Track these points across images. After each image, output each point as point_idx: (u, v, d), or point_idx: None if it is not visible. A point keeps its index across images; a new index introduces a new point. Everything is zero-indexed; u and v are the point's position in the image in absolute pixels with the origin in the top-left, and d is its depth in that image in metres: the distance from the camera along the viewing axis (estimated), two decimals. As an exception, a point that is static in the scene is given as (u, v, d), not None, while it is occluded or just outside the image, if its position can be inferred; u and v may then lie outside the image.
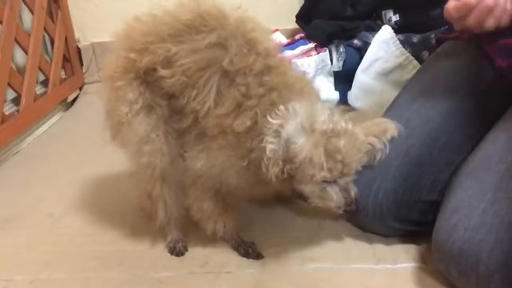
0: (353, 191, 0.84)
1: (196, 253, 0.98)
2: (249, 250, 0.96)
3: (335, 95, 1.63)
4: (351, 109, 0.84)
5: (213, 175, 0.87)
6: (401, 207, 0.91)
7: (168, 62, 0.83)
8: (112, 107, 0.91)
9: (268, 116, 0.77)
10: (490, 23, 0.79)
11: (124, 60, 0.88)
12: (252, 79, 0.81)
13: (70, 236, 1.07)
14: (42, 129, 1.74)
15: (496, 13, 0.78)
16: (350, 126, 0.79)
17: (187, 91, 0.83)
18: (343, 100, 1.60)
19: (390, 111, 1.02)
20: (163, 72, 0.83)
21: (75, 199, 1.23)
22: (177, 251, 0.98)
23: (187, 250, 0.98)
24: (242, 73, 0.81)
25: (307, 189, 0.82)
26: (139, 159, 0.91)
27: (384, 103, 1.48)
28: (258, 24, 0.86)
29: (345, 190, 0.83)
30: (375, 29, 1.61)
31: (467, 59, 0.99)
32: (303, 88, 0.85)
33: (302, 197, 0.91)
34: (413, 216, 0.93)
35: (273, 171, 0.77)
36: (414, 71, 1.53)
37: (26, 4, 1.68)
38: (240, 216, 0.98)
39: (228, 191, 0.91)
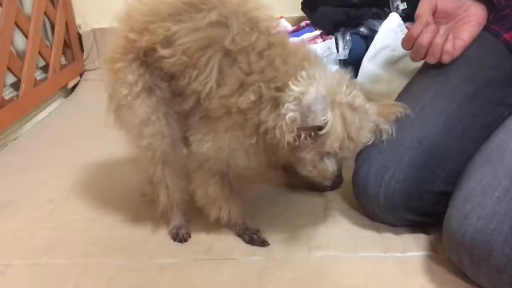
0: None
1: (200, 239, 0.95)
2: (254, 237, 0.94)
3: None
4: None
5: (221, 158, 0.84)
6: (413, 198, 0.88)
7: (168, 42, 0.80)
8: (113, 89, 0.89)
9: (289, 83, 0.75)
10: (429, 59, 0.91)
11: (124, 41, 0.85)
12: (254, 57, 0.79)
13: (70, 221, 1.05)
14: (42, 115, 1.72)
15: (432, 51, 0.89)
16: (366, 103, 0.77)
17: (188, 72, 0.80)
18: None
19: (403, 98, 0.97)
20: (162, 51, 0.81)
21: (75, 184, 1.20)
22: (180, 237, 0.95)
23: (190, 237, 0.96)
24: (245, 52, 0.79)
25: (308, 156, 0.79)
26: (140, 141, 0.89)
27: (391, 92, 1.45)
28: (259, 3, 0.83)
29: (339, 163, 0.82)
30: (382, 17, 1.58)
31: (485, 47, 0.95)
32: (307, 54, 0.83)
33: (291, 166, 0.91)
34: (425, 207, 0.90)
35: (288, 138, 0.74)
36: (422, 60, 1.51)
37: (26, -13, 1.65)
38: (245, 203, 0.96)
39: (236, 174, 0.88)
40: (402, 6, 1.63)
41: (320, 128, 0.73)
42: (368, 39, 1.55)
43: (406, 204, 0.88)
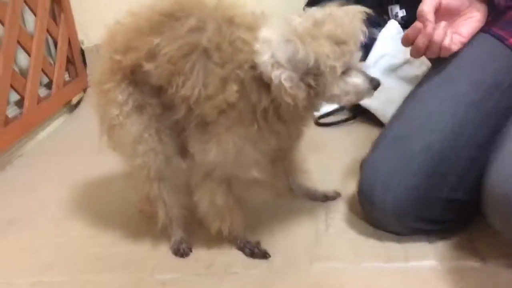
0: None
1: (201, 254, 0.95)
2: (255, 250, 0.93)
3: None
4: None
5: (228, 164, 0.83)
6: (422, 206, 0.86)
7: (151, 55, 0.81)
8: (103, 111, 0.89)
9: (255, 60, 0.74)
10: (428, 55, 0.92)
11: (110, 62, 0.86)
12: (224, 48, 0.78)
13: (73, 238, 1.05)
14: (46, 131, 1.73)
15: (431, 49, 0.90)
16: (327, 12, 0.76)
17: (174, 79, 0.80)
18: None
19: (410, 104, 0.96)
20: (148, 66, 0.81)
21: (78, 201, 1.21)
22: (181, 252, 0.95)
23: (191, 251, 0.96)
24: (218, 47, 0.78)
25: (335, 91, 0.77)
26: (134, 160, 0.90)
27: (392, 99, 1.46)
28: (235, 2, 0.83)
29: (361, 71, 0.80)
30: (381, 24, 1.58)
31: (491, 52, 0.94)
32: (253, 23, 0.81)
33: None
34: (433, 215, 0.88)
35: (300, 96, 0.74)
36: (422, 67, 1.51)
37: (28, 6, 1.67)
38: (246, 213, 0.95)
39: (245, 178, 0.87)
40: (401, 13, 1.64)
41: (314, 63, 0.72)
42: (368, 47, 1.55)
43: (414, 212, 0.87)
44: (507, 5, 0.95)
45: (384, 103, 1.46)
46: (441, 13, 0.91)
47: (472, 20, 0.92)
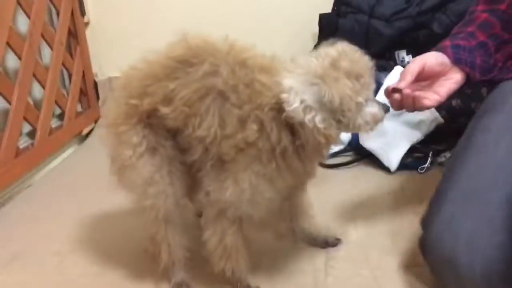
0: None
1: (200, 297, 0.96)
2: (254, 295, 0.94)
3: (347, 135, 1.62)
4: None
5: (243, 202, 0.85)
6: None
7: (168, 100, 0.84)
8: (115, 152, 0.92)
9: (282, 97, 0.78)
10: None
11: (126, 107, 0.89)
12: (241, 89, 0.82)
13: (75, 276, 1.07)
14: (56, 162, 1.76)
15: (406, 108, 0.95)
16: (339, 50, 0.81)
17: (191, 121, 0.83)
18: (355, 139, 1.59)
19: (472, 156, 0.91)
20: (164, 110, 0.84)
21: (83, 236, 1.22)
22: (181, 294, 0.96)
23: (191, 293, 0.97)
24: (234, 89, 0.82)
25: (358, 122, 0.81)
26: (144, 201, 0.91)
27: (395, 144, 1.47)
28: (246, 45, 0.87)
29: (375, 100, 0.86)
30: (387, 69, 1.61)
31: None
32: (273, 66, 0.85)
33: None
34: None
35: (333, 134, 0.79)
36: (426, 112, 1.53)
37: (45, 40, 1.73)
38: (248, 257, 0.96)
39: (258, 218, 0.89)
40: (408, 58, 1.66)
41: (342, 101, 0.77)
42: (374, 93, 1.57)
43: (504, 273, 0.77)
44: (481, 79, 1.00)
45: (388, 147, 1.48)
46: (425, 74, 0.94)
47: (450, 81, 0.95)
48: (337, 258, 1.05)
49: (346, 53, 0.80)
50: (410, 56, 1.66)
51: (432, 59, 0.95)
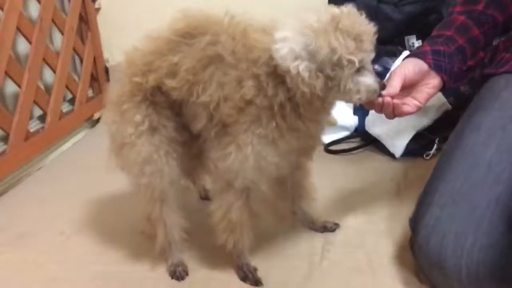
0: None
1: (196, 277, 0.98)
2: (249, 276, 0.96)
3: (354, 120, 1.61)
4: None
5: (248, 169, 0.85)
6: (502, 266, 0.79)
7: (173, 73, 0.86)
8: (116, 129, 0.93)
9: (273, 55, 0.77)
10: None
11: (130, 85, 0.90)
12: (238, 49, 0.82)
13: (78, 254, 1.10)
14: (67, 145, 1.79)
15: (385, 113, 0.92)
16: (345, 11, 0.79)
17: (195, 89, 0.84)
18: (361, 125, 1.58)
19: (461, 156, 0.90)
20: (170, 83, 0.86)
21: (88, 217, 1.25)
22: (177, 275, 0.98)
23: (187, 274, 0.99)
24: (232, 52, 0.82)
25: (349, 86, 0.79)
26: (140, 179, 0.93)
27: (401, 130, 1.46)
28: (247, 20, 0.87)
29: (371, 72, 0.82)
30: (396, 54, 1.59)
31: None
32: (265, 26, 0.85)
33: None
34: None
35: (318, 85, 0.76)
36: (433, 99, 1.51)
37: (56, 25, 1.75)
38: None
39: (266, 189, 0.90)
40: (417, 43, 1.64)
41: (331, 53, 0.75)
42: (381, 76, 1.54)
43: (493, 274, 0.79)
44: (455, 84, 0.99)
45: (393, 133, 1.47)
46: (406, 83, 0.93)
47: (428, 87, 0.94)
48: (334, 243, 1.05)
49: (349, 14, 0.79)
50: (420, 41, 1.63)
51: (410, 69, 0.93)
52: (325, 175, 1.36)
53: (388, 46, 1.67)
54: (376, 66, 1.61)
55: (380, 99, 0.88)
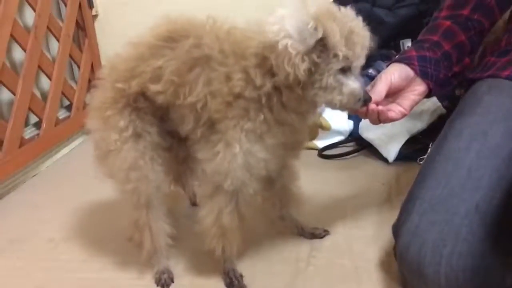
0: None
1: (181, 284, 0.97)
2: (235, 282, 0.95)
3: (348, 125, 1.60)
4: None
5: (237, 169, 0.84)
6: (482, 273, 0.78)
7: (157, 77, 0.85)
8: (100, 136, 0.93)
9: (268, 24, 0.76)
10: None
11: (112, 91, 0.90)
12: (224, 47, 0.82)
13: (65, 262, 1.09)
14: (63, 152, 1.80)
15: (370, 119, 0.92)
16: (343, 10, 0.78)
17: (181, 91, 0.84)
18: (356, 130, 1.57)
19: (442, 162, 0.89)
20: (154, 87, 0.85)
21: (79, 225, 1.25)
22: (162, 282, 0.97)
23: (173, 281, 0.98)
24: (221, 50, 0.82)
25: (331, 82, 0.78)
26: (125, 185, 0.93)
27: (394, 134, 1.45)
28: (229, 23, 0.86)
29: (358, 79, 0.81)
30: (391, 58, 1.58)
31: None
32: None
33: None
34: (495, 282, 0.80)
35: (301, 67, 0.74)
36: (428, 103, 1.50)
37: (52, 32, 1.76)
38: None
39: (255, 190, 0.89)
40: (412, 47, 1.63)
41: (321, 40, 0.74)
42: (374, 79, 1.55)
43: (473, 281, 0.78)
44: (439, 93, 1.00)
45: (387, 137, 1.46)
46: (392, 89, 0.93)
47: (413, 93, 0.94)
48: (321, 248, 1.04)
49: (348, 15, 0.78)
50: (414, 45, 1.62)
51: (396, 75, 0.92)
52: (318, 180, 1.35)
53: (383, 50, 1.66)
54: (371, 70, 1.61)
55: (364, 108, 0.87)
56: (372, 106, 0.89)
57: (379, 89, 0.91)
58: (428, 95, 0.97)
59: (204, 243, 0.94)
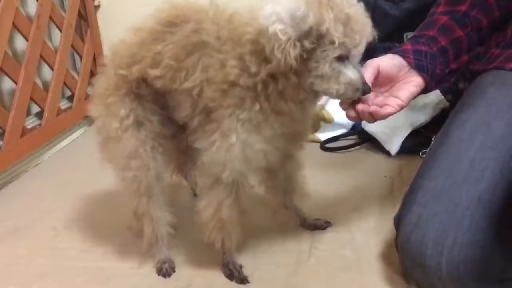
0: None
1: (181, 274, 0.97)
2: (235, 273, 0.94)
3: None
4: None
5: (235, 160, 0.83)
6: (483, 264, 0.78)
7: (156, 62, 0.85)
8: (102, 123, 0.93)
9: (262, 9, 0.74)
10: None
11: (115, 78, 0.90)
12: (221, 33, 0.81)
13: (66, 250, 1.09)
14: (66, 142, 1.80)
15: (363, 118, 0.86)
16: None
17: (178, 75, 0.83)
18: (359, 122, 1.57)
19: (445, 153, 0.88)
20: (154, 72, 0.85)
21: (80, 213, 1.25)
22: (163, 272, 0.97)
23: (174, 271, 0.98)
24: (218, 37, 0.81)
25: (327, 70, 0.76)
26: (126, 173, 0.93)
27: (397, 127, 1.45)
28: (230, 9, 0.85)
29: (357, 68, 0.78)
30: (394, 51, 1.57)
31: None
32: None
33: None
34: (496, 273, 0.81)
35: (292, 53, 0.72)
36: (431, 95, 1.49)
37: (54, 22, 1.75)
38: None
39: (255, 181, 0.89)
40: (416, 40, 1.62)
41: (316, 28, 0.72)
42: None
43: (475, 272, 0.78)
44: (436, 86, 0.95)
45: (390, 130, 1.46)
46: (380, 79, 0.88)
47: (411, 84, 0.88)
48: (323, 239, 1.04)
49: (350, 3, 0.76)
50: (418, 38, 1.61)
51: (386, 62, 0.88)
52: (320, 172, 1.35)
53: (386, 42, 1.65)
54: (374, 63, 1.60)
55: (352, 112, 0.84)
56: (359, 107, 0.84)
57: (367, 76, 0.84)
58: (424, 90, 0.92)
59: (204, 235, 0.94)
